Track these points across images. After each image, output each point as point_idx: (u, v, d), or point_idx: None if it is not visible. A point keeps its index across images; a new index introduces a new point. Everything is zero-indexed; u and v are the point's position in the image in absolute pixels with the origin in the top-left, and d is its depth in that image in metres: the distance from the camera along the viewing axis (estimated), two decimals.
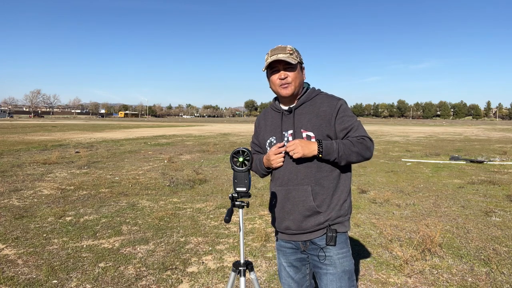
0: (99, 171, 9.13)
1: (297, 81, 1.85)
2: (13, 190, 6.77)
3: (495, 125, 68.21)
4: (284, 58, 1.78)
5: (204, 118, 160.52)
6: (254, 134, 2.13)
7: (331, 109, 1.82)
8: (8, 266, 3.53)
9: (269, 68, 1.86)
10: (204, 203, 6.03)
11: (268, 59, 1.83)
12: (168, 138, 22.67)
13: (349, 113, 1.84)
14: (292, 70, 1.83)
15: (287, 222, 1.87)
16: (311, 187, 1.81)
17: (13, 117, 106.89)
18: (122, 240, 4.27)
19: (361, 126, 1.82)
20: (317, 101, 1.88)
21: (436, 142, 21.13)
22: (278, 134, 1.91)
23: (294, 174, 1.83)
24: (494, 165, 10.84)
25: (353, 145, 1.74)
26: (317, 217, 1.81)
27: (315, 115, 1.84)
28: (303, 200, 1.81)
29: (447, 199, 6.47)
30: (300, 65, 1.89)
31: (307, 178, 1.81)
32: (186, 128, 38.82)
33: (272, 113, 2.00)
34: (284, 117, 1.91)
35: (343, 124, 1.80)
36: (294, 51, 1.85)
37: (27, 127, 35.13)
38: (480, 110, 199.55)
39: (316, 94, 1.91)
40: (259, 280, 3.29)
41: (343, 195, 1.86)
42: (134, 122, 63.22)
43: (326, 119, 1.82)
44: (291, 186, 1.84)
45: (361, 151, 1.76)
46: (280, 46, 1.85)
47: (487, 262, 3.72)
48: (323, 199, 1.81)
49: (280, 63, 1.81)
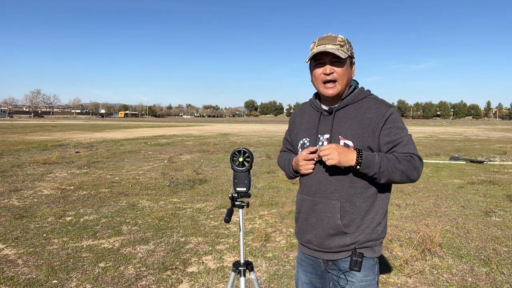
0: (99, 171, 9.13)
1: (344, 79, 1.60)
2: (13, 190, 6.77)
3: (495, 125, 68.21)
4: (332, 50, 1.53)
5: (204, 118, 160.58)
6: (287, 130, 1.91)
7: (378, 117, 1.56)
8: (8, 266, 3.53)
9: (314, 60, 1.61)
10: (204, 203, 6.03)
11: (314, 48, 1.59)
12: (168, 138, 22.67)
13: (399, 124, 1.57)
14: (340, 65, 1.57)
15: (309, 236, 1.68)
16: (340, 203, 1.58)
17: (13, 117, 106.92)
18: (122, 240, 4.27)
19: (411, 142, 1.57)
20: (363, 105, 1.62)
21: (436, 142, 21.13)
22: (313, 136, 1.68)
23: (323, 185, 1.62)
24: (494, 165, 10.84)
25: (398, 161, 1.49)
26: (343, 238, 1.59)
27: (358, 121, 1.58)
28: (329, 217, 1.60)
29: (447, 199, 6.47)
30: (351, 59, 1.64)
31: (337, 192, 1.59)
32: (186, 128, 38.83)
33: (310, 111, 1.76)
34: (322, 117, 1.67)
35: (390, 137, 1.55)
36: (346, 43, 1.60)
37: (27, 127, 35.14)
38: (480, 110, 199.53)
39: (363, 97, 1.65)
40: (259, 280, 3.29)
41: (377, 217, 1.62)
42: (134, 122, 63.23)
43: (371, 128, 1.56)
44: (318, 198, 1.63)
45: (407, 171, 1.50)
46: (330, 35, 1.60)
47: (487, 262, 3.72)
48: (352, 218, 1.59)
49: (327, 56, 1.56)
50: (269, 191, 6.97)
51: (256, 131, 32.81)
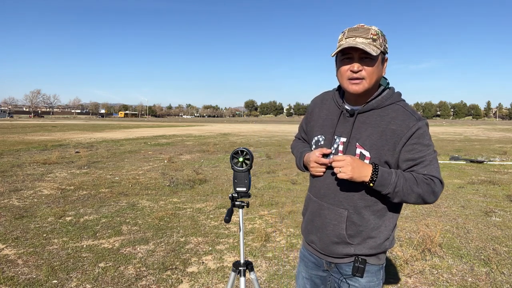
0: (99, 171, 9.13)
1: (373, 78, 1.42)
2: (13, 190, 6.77)
3: (495, 125, 68.20)
4: (363, 46, 1.36)
5: (204, 118, 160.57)
6: (305, 117, 1.78)
7: (402, 131, 1.40)
8: (8, 266, 3.53)
9: (341, 53, 1.44)
10: (204, 203, 6.03)
11: (342, 41, 1.42)
12: (168, 138, 22.66)
13: (425, 141, 1.41)
14: (370, 63, 1.40)
15: (314, 237, 1.62)
16: (347, 213, 1.49)
17: (13, 117, 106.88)
18: (122, 240, 4.27)
19: (434, 162, 1.41)
20: (389, 113, 1.45)
21: (436, 142, 21.13)
22: (329, 135, 1.55)
23: (332, 191, 1.52)
24: (494, 165, 10.84)
25: (417, 184, 1.37)
26: (346, 247, 1.53)
27: (381, 131, 1.43)
28: (334, 225, 1.52)
29: (447, 199, 6.47)
30: (383, 55, 1.45)
31: (346, 202, 1.49)
32: (186, 128, 38.82)
33: (331, 105, 1.61)
34: (342, 117, 1.53)
35: (412, 154, 1.40)
36: (380, 36, 1.41)
37: (27, 127, 35.13)
38: (480, 110, 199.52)
39: (391, 102, 1.48)
40: (259, 280, 3.29)
41: (386, 232, 1.52)
42: (134, 122, 63.22)
43: (392, 141, 1.41)
44: (326, 203, 1.55)
45: (424, 194, 1.38)
46: (362, 26, 1.42)
47: (487, 262, 3.72)
48: (358, 231, 1.50)
49: (356, 51, 1.39)
50: (269, 191, 6.97)
51: (256, 131, 32.80)
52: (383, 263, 1.58)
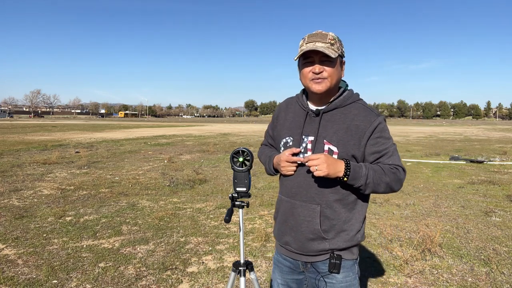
0: (99, 171, 9.13)
1: (334, 78, 1.54)
2: (13, 190, 6.77)
3: (495, 125, 68.20)
4: (322, 49, 1.47)
5: (204, 118, 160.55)
6: (270, 124, 1.85)
7: (365, 125, 1.53)
8: (8, 266, 3.53)
9: (303, 58, 1.56)
10: (204, 203, 6.03)
11: (303, 46, 1.53)
12: (168, 138, 22.66)
13: (386, 135, 1.55)
14: (330, 65, 1.52)
15: (288, 238, 1.65)
16: (320, 208, 1.56)
17: (13, 117, 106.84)
18: (122, 240, 4.27)
19: (396, 153, 1.56)
20: (351, 110, 1.58)
21: (436, 142, 21.13)
22: (297, 136, 1.63)
23: (304, 188, 1.58)
24: (494, 165, 10.84)
25: (384, 173, 1.50)
26: (322, 243, 1.58)
27: (345, 127, 1.55)
28: (309, 221, 1.57)
29: (447, 199, 6.47)
30: (341, 58, 1.58)
31: (318, 197, 1.56)
32: (186, 128, 38.82)
33: (296, 108, 1.70)
34: (308, 118, 1.62)
35: (377, 147, 1.53)
36: (337, 41, 1.54)
37: (27, 127, 35.13)
38: (480, 110, 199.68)
39: (352, 101, 1.61)
40: (259, 280, 3.29)
41: (357, 225, 1.60)
42: (134, 122, 63.22)
43: (357, 136, 1.53)
44: (298, 202, 1.59)
45: (392, 183, 1.52)
46: (320, 32, 1.54)
47: (487, 262, 3.72)
48: (332, 225, 1.56)
49: (317, 54, 1.51)
50: (269, 191, 6.97)
51: (256, 131, 32.80)
52: (357, 258, 1.65)
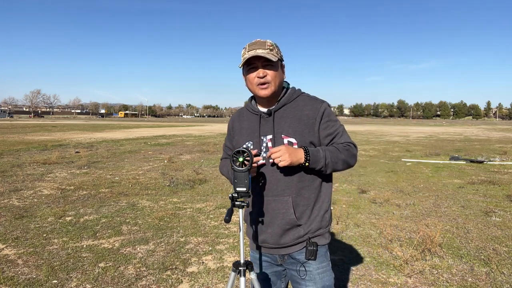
0: (99, 171, 9.14)
1: (277, 81, 1.67)
2: (13, 190, 6.77)
3: (495, 125, 68.23)
4: (263, 54, 1.60)
5: (204, 118, 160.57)
6: (227, 136, 1.94)
7: (314, 113, 1.68)
8: (8, 266, 3.53)
9: (246, 65, 1.68)
10: (204, 203, 6.04)
11: (246, 54, 1.64)
12: (168, 138, 22.67)
13: (333, 118, 1.71)
14: (272, 68, 1.65)
15: (264, 236, 1.74)
16: (292, 198, 1.67)
17: (13, 117, 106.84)
18: (122, 240, 4.27)
19: (345, 132, 1.72)
20: (299, 103, 1.72)
21: (436, 142, 21.13)
22: (256, 139, 1.74)
23: (273, 184, 1.68)
24: (494, 165, 10.84)
25: (339, 152, 1.63)
26: (297, 230, 1.69)
27: (297, 119, 1.68)
28: (283, 213, 1.67)
29: (447, 199, 6.47)
30: (281, 62, 1.72)
31: (288, 189, 1.67)
32: (186, 128, 38.83)
33: (248, 115, 1.81)
34: (262, 120, 1.74)
35: (328, 130, 1.68)
36: (275, 47, 1.67)
37: (27, 127, 35.14)
38: (480, 110, 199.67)
39: (297, 95, 1.75)
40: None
41: (324, 205, 1.73)
42: (134, 122, 63.24)
43: (310, 124, 1.67)
44: (271, 197, 1.69)
45: (347, 159, 1.65)
46: (259, 41, 1.66)
47: (487, 262, 3.72)
48: (303, 210, 1.69)
49: (259, 60, 1.63)
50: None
51: None
52: (328, 242, 1.77)
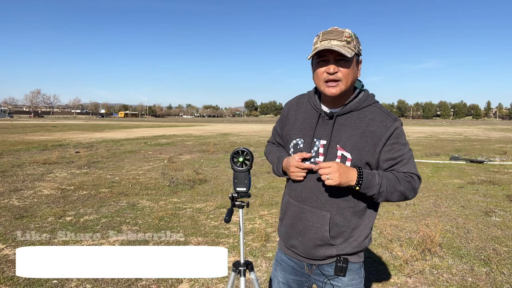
0: (99, 171, 9.13)
1: (349, 79, 1.47)
2: (13, 190, 6.77)
3: (495, 125, 68.22)
4: (338, 48, 1.39)
5: (204, 118, 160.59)
6: (279, 121, 1.77)
7: (382, 131, 1.46)
8: (8, 266, 3.53)
9: (317, 56, 1.48)
10: (204, 203, 6.03)
11: (317, 44, 1.45)
12: (168, 138, 22.66)
13: (402, 141, 1.48)
14: (345, 64, 1.44)
15: (294, 241, 1.62)
16: (330, 215, 1.51)
17: (13, 117, 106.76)
18: (122, 240, 4.27)
19: (412, 160, 1.49)
20: (366, 114, 1.51)
21: (436, 142, 21.13)
22: (308, 138, 1.56)
23: (314, 194, 1.53)
24: (494, 165, 10.84)
25: (399, 182, 1.43)
26: (329, 249, 1.54)
27: (360, 133, 1.48)
28: (317, 227, 1.53)
29: (447, 199, 6.47)
30: (357, 57, 1.50)
31: (329, 204, 1.51)
32: (186, 128, 38.82)
33: (307, 108, 1.62)
34: (321, 120, 1.55)
35: (392, 153, 1.46)
36: (353, 38, 1.45)
37: (27, 127, 35.13)
38: (480, 110, 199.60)
39: (368, 104, 1.53)
40: (259, 280, 3.29)
41: (366, 231, 1.56)
42: (134, 122, 63.22)
43: (372, 142, 1.46)
44: (308, 207, 1.55)
45: (406, 192, 1.45)
46: (336, 29, 1.46)
47: (487, 262, 3.72)
48: (341, 232, 1.52)
49: (332, 53, 1.43)
50: (269, 191, 6.97)
51: (256, 131, 32.80)
52: (363, 261, 1.62)
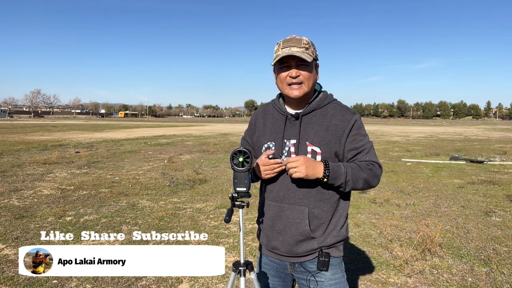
0: (99, 171, 9.13)
1: (310, 82, 1.59)
2: (13, 190, 6.77)
3: (495, 125, 68.21)
4: (298, 53, 1.51)
5: (204, 118, 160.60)
6: (247, 130, 1.86)
7: (344, 124, 1.58)
8: (8, 266, 3.53)
9: (279, 63, 1.59)
10: (204, 203, 6.03)
11: (279, 51, 1.57)
12: (168, 138, 22.67)
13: (362, 132, 1.61)
14: (306, 69, 1.56)
15: (276, 243, 1.68)
16: (308, 209, 1.59)
17: (13, 117, 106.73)
18: (122, 240, 4.27)
19: (372, 149, 1.62)
20: (328, 111, 1.63)
21: (436, 142, 21.13)
22: (279, 140, 1.65)
23: (291, 191, 1.61)
24: (494, 165, 10.84)
25: (361, 170, 1.53)
26: (310, 243, 1.61)
27: (325, 127, 1.59)
28: (298, 223, 1.60)
29: (447, 199, 6.47)
30: (315, 62, 1.62)
31: (306, 198, 1.59)
32: (186, 128, 38.82)
33: (274, 113, 1.73)
34: (288, 122, 1.65)
35: (354, 144, 1.58)
36: (311, 45, 1.58)
37: (27, 127, 35.13)
38: (480, 110, 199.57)
39: (328, 102, 1.65)
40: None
41: (341, 220, 1.65)
42: (134, 122, 63.22)
43: (337, 135, 1.58)
44: (286, 205, 1.63)
45: (369, 179, 1.55)
46: (294, 37, 1.57)
47: (487, 262, 3.72)
48: (319, 223, 1.61)
49: (293, 59, 1.55)
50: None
51: None
52: (342, 255, 1.68)
